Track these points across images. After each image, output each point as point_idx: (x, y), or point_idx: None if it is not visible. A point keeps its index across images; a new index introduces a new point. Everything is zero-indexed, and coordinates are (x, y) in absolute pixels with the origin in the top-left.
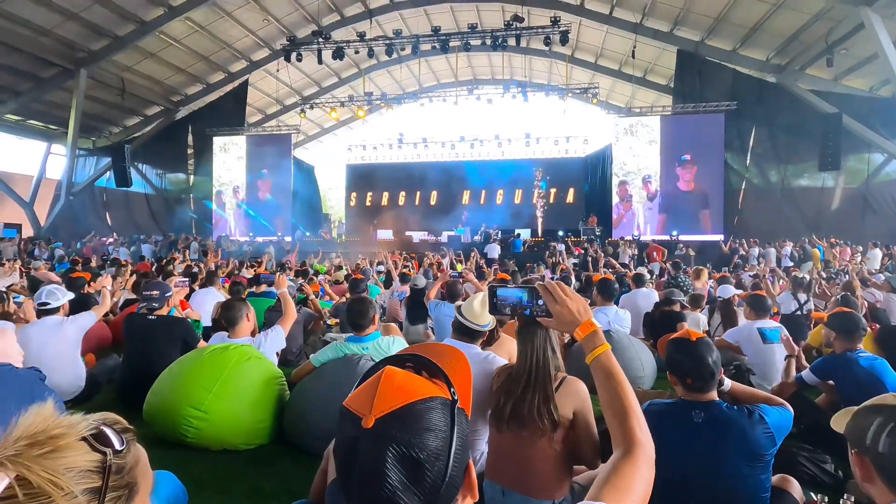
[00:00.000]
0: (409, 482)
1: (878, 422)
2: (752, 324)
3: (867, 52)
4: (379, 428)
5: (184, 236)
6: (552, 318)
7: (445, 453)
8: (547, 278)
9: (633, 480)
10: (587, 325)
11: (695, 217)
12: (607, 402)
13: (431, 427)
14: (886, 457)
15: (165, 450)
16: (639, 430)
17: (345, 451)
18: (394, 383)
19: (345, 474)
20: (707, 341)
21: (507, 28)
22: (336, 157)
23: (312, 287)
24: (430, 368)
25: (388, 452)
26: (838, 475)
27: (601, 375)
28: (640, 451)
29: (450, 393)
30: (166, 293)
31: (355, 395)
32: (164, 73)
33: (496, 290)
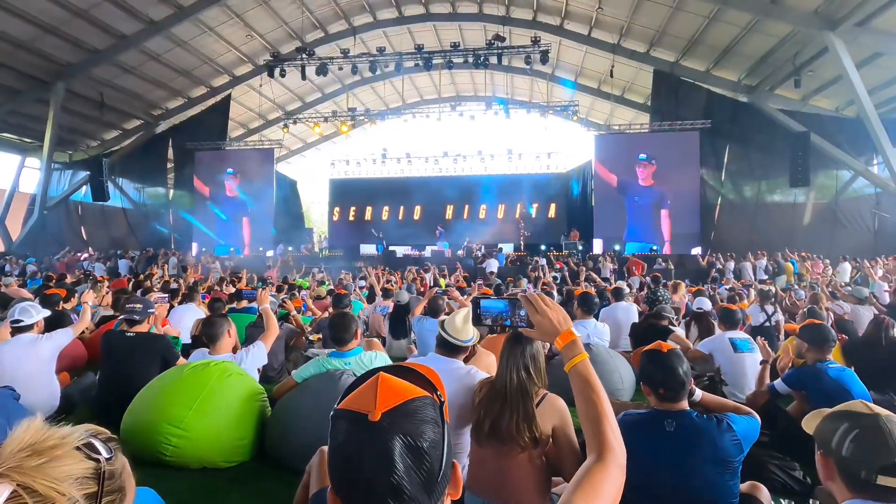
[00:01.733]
0: (414, 469)
1: (844, 427)
2: (723, 334)
3: (832, 74)
4: (386, 421)
5: (163, 251)
6: (534, 329)
7: (441, 444)
8: (526, 288)
9: (605, 484)
10: (567, 334)
11: (654, 214)
12: (583, 409)
13: (429, 420)
14: (848, 460)
15: (143, 469)
16: (612, 436)
17: (348, 450)
18: (391, 384)
19: (348, 474)
20: (678, 353)
21: (489, 47)
22: (319, 171)
23: (294, 303)
24: (414, 377)
25: (397, 442)
26: (807, 482)
27: (578, 383)
28: (611, 457)
29: (436, 396)
30: (149, 309)
31: (353, 399)
32: (144, 88)
33: (479, 302)
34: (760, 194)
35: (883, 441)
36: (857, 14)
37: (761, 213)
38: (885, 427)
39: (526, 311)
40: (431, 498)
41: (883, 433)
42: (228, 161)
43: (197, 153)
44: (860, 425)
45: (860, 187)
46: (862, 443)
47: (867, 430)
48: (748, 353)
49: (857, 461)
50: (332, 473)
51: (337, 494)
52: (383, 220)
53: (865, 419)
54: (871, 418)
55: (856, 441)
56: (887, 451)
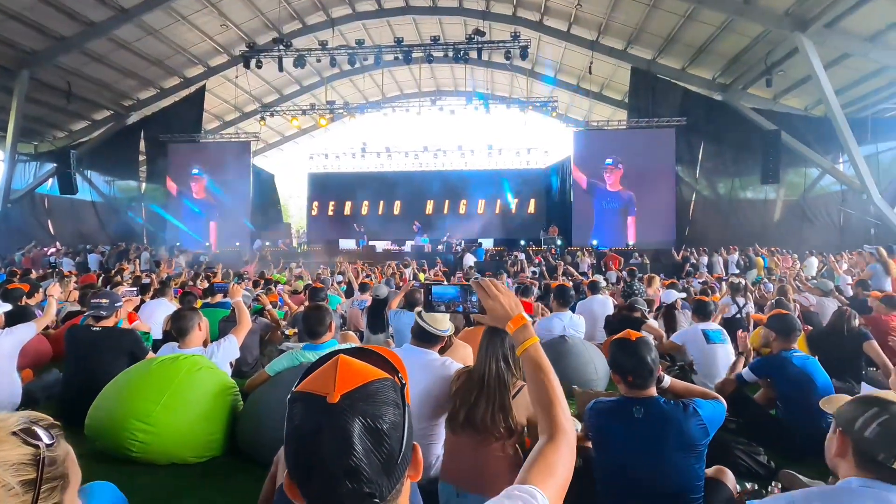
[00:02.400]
0: (373, 451)
1: (873, 412)
2: (696, 326)
3: (801, 73)
4: (345, 403)
5: (134, 246)
6: (485, 314)
7: (402, 426)
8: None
9: (558, 463)
10: (518, 318)
11: (621, 219)
12: (535, 391)
13: (389, 402)
14: (869, 441)
15: (109, 465)
16: (563, 417)
17: (305, 432)
18: (351, 366)
19: (305, 457)
20: (646, 341)
21: (469, 41)
22: (297, 165)
23: (270, 297)
24: (375, 359)
25: (356, 424)
26: (770, 466)
27: (530, 366)
28: (563, 437)
29: (398, 378)
30: (116, 303)
31: (311, 381)
32: (114, 77)
33: (431, 288)
34: (733, 191)
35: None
36: (825, 16)
37: (734, 209)
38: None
39: (478, 297)
40: (391, 480)
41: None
42: (203, 154)
43: (170, 145)
44: (890, 412)
45: (827, 185)
46: (889, 428)
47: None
48: (720, 344)
49: (878, 444)
50: (288, 457)
51: (293, 478)
52: (363, 215)
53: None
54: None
55: (883, 426)
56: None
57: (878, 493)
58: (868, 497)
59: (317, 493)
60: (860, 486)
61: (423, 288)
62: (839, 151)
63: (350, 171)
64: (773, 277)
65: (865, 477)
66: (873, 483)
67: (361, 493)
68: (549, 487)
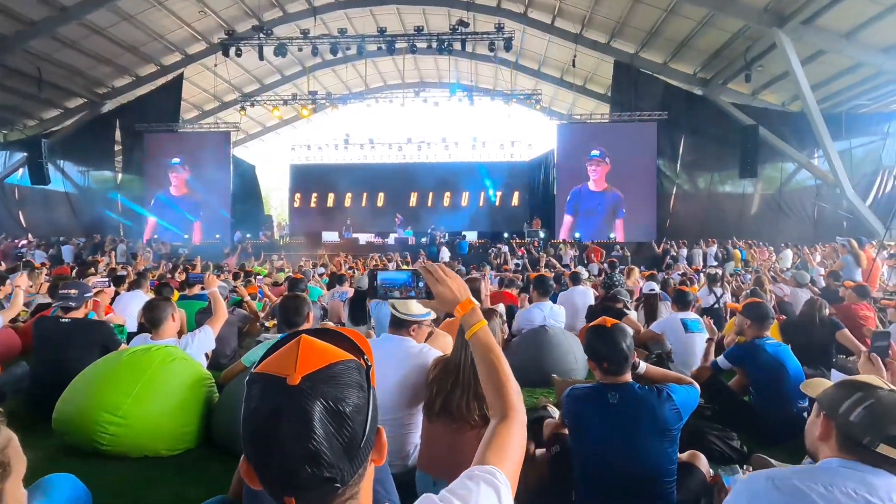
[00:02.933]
0: (335, 434)
1: (858, 396)
2: (675, 315)
3: (779, 69)
4: (306, 384)
5: (110, 238)
6: (433, 300)
7: (365, 409)
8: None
9: (512, 442)
10: (467, 303)
11: (608, 221)
12: (486, 373)
13: (353, 384)
14: (854, 425)
15: (78, 459)
16: (514, 397)
17: (263, 414)
18: (314, 347)
19: (262, 440)
20: (622, 327)
21: (453, 32)
22: (279, 156)
23: (250, 289)
24: (339, 339)
25: (317, 406)
26: (743, 450)
27: (480, 349)
28: (515, 416)
29: (363, 360)
30: (85, 293)
31: (271, 361)
32: (87, 64)
33: (377, 274)
34: (713, 184)
35: (895, 414)
36: (803, 12)
37: (713, 202)
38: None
39: (426, 282)
40: (353, 464)
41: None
42: (181, 144)
43: (147, 135)
44: (875, 396)
45: (802, 179)
46: (875, 412)
47: (882, 402)
48: (698, 333)
49: (863, 428)
50: (245, 441)
51: (250, 462)
52: (346, 207)
53: (881, 392)
54: (888, 393)
55: (869, 409)
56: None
57: (859, 474)
58: (848, 477)
59: (275, 478)
60: (841, 466)
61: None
62: (815, 147)
63: (333, 162)
64: (750, 269)
65: (849, 459)
66: (854, 465)
67: (321, 478)
68: (506, 465)
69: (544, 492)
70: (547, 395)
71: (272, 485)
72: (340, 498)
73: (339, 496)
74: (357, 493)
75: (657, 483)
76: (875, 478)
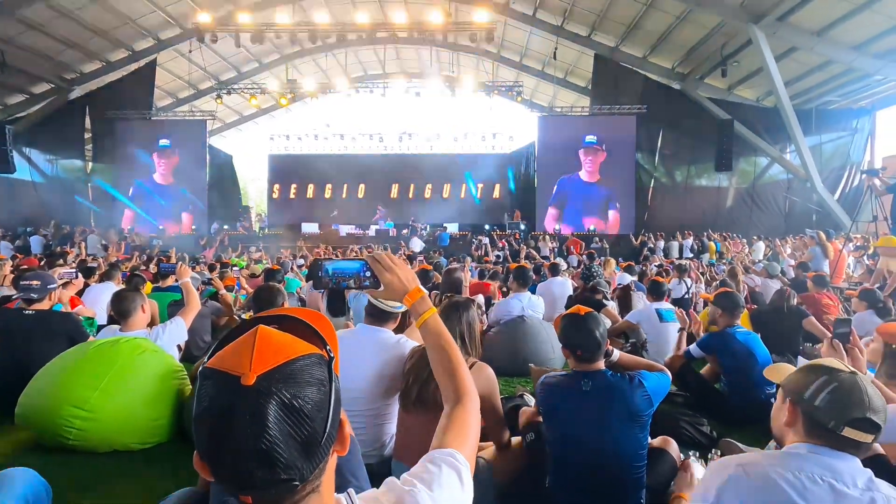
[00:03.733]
0: (292, 434)
1: (822, 380)
2: (650, 305)
3: (754, 65)
4: (261, 384)
5: (81, 228)
6: (382, 289)
7: (326, 406)
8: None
9: (469, 424)
10: (415, 291)
11: (601, 210)
12: (438, 360)
13: (313, 381)
14: (820, 410)
15: (43, 454)
16: (467, 381)
17: (214, 414)
18: (271, 341)
19: (214, 440)
20: (595, 316)
21: (436, 22)
22: (257, 146)
23: (227, 281)
24: (301, 328)
25: (271, 407)
26: (712, 435)
27: (431, 336)
28: (469, 400)
29: (325, 351)
30: (49, 284)
31: (224, 356)
32: (53, 48)
33: (323, 263)
34: (689, 178)
35: (859, 398)
36: (778, 9)
37: (690, 195)
38: (861, 385)
39: (373, 272)
40: (312, 462)
41: (860, 390)
42: (155, 132)
43: (119, 123)
44: (839, 380)
45: (775, 173)
46: (838, 396)
47: (845, 385)
48: (672, 323)
49: (829, 412)
50: (197, 439)
51: (202, 459)
52: (326, 198)
53: (844, 375)
54: (849, 375)
55: (833, 394)
56: (861, 406)
57: (825, 459)
58: (815, 463)
59: (229, 477)
60: (808, 451)
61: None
62: (787, 141)
63: (313, 153)
64: (724, 261)
65: (814, 443)
66: (820, 449)
67: (277, 480)
68: (464, 447)
69: (519, 478)
70: (524, 385)
71: (227, 483)
72: (300, 493)
73: (300, 492)
74: (318, 486)
75: (628, 467)
76: (840, 462)
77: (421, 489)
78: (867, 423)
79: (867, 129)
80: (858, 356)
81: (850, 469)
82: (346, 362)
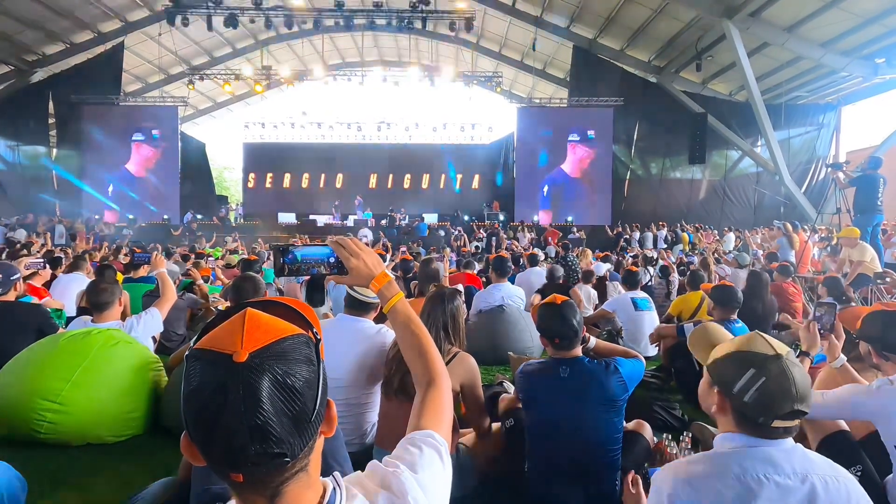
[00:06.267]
0: (284, 409)
1: (751, 374)
2: (626, 294)
3: (727, 60)
4: (253, 361)
5: (46, 218)
6: (347, 275)
7: (315, 383)
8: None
9: (443, 405)
10: (382, 276)
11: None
12: (409, 343)
13: (303, 360)
14: (749, 406)
15: (13, 449)
16: (438, 363)
17: (206, 393)
18: (260, 321)
19: (205, 418)
20: (571, 304)
21: (413, 10)
22: (232, 134)
23: (202, 272)
24: (287, 312)
25: (264, 382)
26: (684, 419)
27: (401, 321)
28: (442, 381)
29: (312, 334)
30: (11, 276)
31: (214, 337)
32: (12, 28)
33: (288, 249)
34: (664, 170)
35: (787, 389)
36: (751, 4)
37: (664, 187)
38: (788, 373)
39: (338, 257)
40: (303, 438)
41: (787, 380)
42: (124, 118)
43: (85, 107)
44: (767, 374)
45: (745, 167)
46: (766, 393)
47: (772, 379)
48: (646, 312)
49: (758, 409)
50: (187, 419)
51: (193, 440)
52: (303, 188)
53: (771, 364)
54: (776, 364)
55: (761, 391)
56: (789, 399)
57: (763, 450)
58: (756, 458)
59: (221, 455)
60: (745, 445)
61: (273, 249)
62: (757, 135)
63: (289, 141)
64: (697, 251)
65: (746, 434)
66: (756, 441)
67: (271, 454)
68: (441, 428)
69: (499, 464)
70: (503, 373)
71: (219, 462)
72: (290, 471)
73: (290, 469)
74: (306, 465)
75: (603, 450)
76: (777, 450)
77: (404, 470)
78: (796, 414)
79: (833, 124)
80: (835, 342)
81: (787, 456)
82: (327, 352)
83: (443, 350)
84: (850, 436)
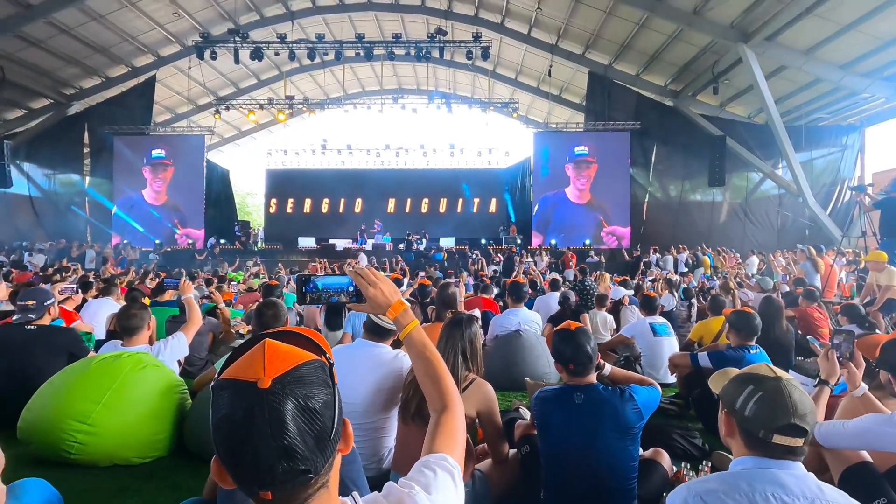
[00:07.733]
0: (307, 429)
1: (749, 390)
2: (644, 320)
3: (745, 83)
4: (276, 387)
5: (77, 243)
6: (365, 303)
7: (333, 404)
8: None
9: (457, 429)
10: (398, 304)
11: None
12: (423, 369)
13: (320, 382)
14: (750, 420)
15: (45, 469)
16: (452, 389)
17: (236, 419)
18: (279, 350)
19: (235, 443)
20: (585, 331)
21: (431, 40)
22: (255, 161)
23: (225, 295)
24: (301, 341)
25: (288, 406)
26: (705, 448)
27: (416, 348)
28: (455, 406)
29: (325, 358)
30: (45, 301)
31: (238, 367)
32: (53, 64)
33: (310, 278)
34: (683, 193)
35: (783, 403)
36: (766, 29)
37: (684, 210)
38: (785, 390)
39: (356, 286)
40: (324, 455)
41: (783, 396)
42: (154, 147)
43: (118, 138)
44: (764, 388)
45: (767, 189)
46: (763, 405)
47: (769, 394)
48: (665, 337)
49: (757, 422)
50: (218, 444)
51: (224, 465)
52: (323, 213)
53: (769, 382)
54: (773, 382)
55: (758, 403)
56: (785, 413)
57: (772, 472)
58: (766, 480)
59: (250, 475)
60: (756, 467)
61: (297, 279)
62: (778, 157)
63: (310, 168)
64: (719, 275)
65: (754, 455)
66: (765, 462)
67: (297, 471)
68: (454, 452)
69: (515, 491)
70: (520, 399)
71: (249, 483)
72: (314, 487)
73: (313, 486)
74: (327, 482)
75: (619, 479)
76: (785, 473)
77: (419, 491)
78: (794, 429)
79: (857, 146)
80: (854, 370)
81: (795, 480)
82: (344, 376)
83: (460, 376)
84: (874, 467)
